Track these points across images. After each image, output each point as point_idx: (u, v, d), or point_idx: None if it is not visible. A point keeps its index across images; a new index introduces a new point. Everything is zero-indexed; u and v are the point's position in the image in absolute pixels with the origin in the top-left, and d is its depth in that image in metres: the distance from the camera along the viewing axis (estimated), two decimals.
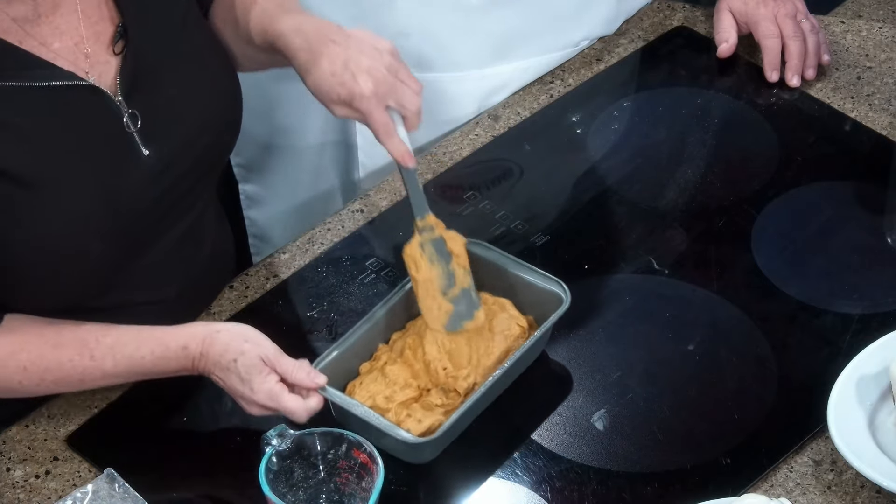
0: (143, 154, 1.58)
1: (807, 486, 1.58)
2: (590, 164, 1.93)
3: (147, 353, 1.57)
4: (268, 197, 2.20)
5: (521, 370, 1.66)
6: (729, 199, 1.88)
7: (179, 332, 1.58)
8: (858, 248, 1.82)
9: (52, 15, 1.56)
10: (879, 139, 1.95)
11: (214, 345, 1.56)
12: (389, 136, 1.60)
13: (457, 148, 1.96)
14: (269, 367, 1.54)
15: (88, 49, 1.57)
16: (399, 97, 1.59)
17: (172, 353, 1.57)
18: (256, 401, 1.55)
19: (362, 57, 1.58)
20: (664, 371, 1.69)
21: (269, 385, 1.54)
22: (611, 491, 1.58)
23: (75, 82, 1.54)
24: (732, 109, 2.01)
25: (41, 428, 1.65)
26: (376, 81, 1.58)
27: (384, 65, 1.59)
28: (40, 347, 1.56)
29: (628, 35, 2.11)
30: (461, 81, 2.01)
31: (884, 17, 2.14)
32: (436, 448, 1.59)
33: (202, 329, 1.58)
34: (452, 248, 1.64)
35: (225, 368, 1.55)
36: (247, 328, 1.58)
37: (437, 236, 1.64)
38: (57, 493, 1.59)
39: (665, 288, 1.77)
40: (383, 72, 1.58)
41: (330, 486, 1.53)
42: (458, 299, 1.64)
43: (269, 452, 1.49)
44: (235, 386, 1.56)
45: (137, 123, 1.57)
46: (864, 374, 1.62)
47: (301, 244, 1.84)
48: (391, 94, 1.59)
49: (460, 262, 1.65)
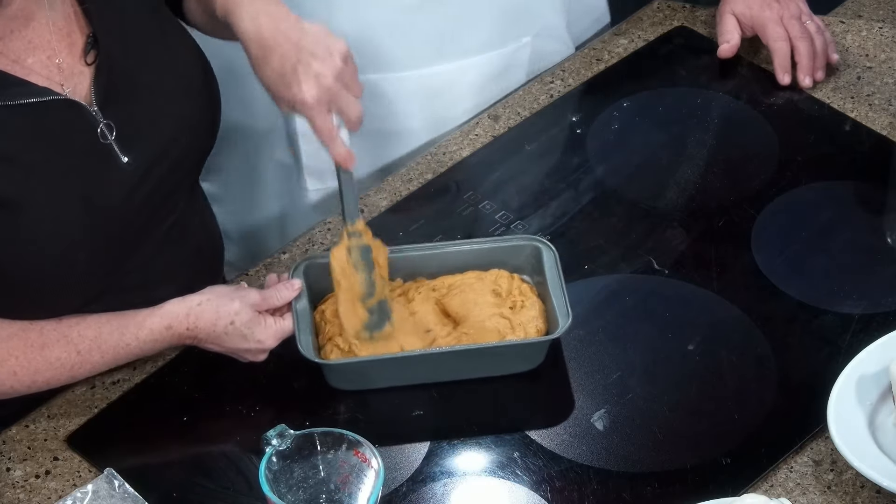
0: (122, 162, 1.58)
1: (807, 486, 1.58)
2: (590, 164, 1.93)
3: (132, 340, 1.60)
4: (224, 194, 2.16)
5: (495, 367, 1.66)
6: (729, 199, 1.88)
7: (160, 313, 1.61)
8: (858, 248, 1.82)
9: (25, 29, 1.55)
10: (879, 139, 1.95)
11: (202, 316, 1.60)
12: (331, 139, 1.61)
13: (457, 148, 1.96)
14: (262, 314, 1.62)
15: (61, 61, 1.57)
16: (341, 105, 1.61)
17: (158, 336, 1.61)
18: (266, 348, 1.63)
19: (312, 61, 1.59)
20: (664, 371, 1.69)
21: (272, 328, 1.63)
22: (611, 491, 1.58)
23: (51, 97, 1.54)
24: (732, 109, 2.01)
25: (41, 428, 1.65)
26: (321, 89, 1.59)
27: (333, 70, 1.59)
28: (27, 351, 1.57)
29: (628, 35, 2.11)
30: (401, 82, 1.99)
31: (884, 17, 2.14)
32: (332, 375, 1.64)
33: (182, 306, 1.61)
34: (377, 257, 1.66)
35: (222, 334, 1.61)
36: (220, 288, 1.64)
37: (365, 244, 1.66)
38: (57, 493, 1.59)
39: (665, 288, 1.77)
40: (330, 79, 1.59)
41: (330, 486, 1.53)
42: (373, 309, 1.66)
43: (269, 452, 1.49)
44: (238, 345, 1.62)
45: (113, 133, 1.57)
46: (864, 374, 1.62)
47: (301, 244, 1.84)
48: (334, 101, 1.60)
49: (382, 272, 1.67)
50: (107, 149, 1.57)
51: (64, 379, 1.61)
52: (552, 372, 1.68)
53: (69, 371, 1.60)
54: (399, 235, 1.82)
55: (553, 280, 1.68)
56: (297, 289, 1.66)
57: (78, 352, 1.59)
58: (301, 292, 1.66)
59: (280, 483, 1.50)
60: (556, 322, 1.65)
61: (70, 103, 1.55)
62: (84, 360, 1.59)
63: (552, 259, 1.70)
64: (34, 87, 1.53)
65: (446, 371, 1.66)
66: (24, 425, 1.65)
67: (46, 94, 1.54)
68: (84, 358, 1.59)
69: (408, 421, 1.64)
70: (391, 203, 1.89)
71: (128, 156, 1.58)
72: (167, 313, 1.61)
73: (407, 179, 1.92)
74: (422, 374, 1.66)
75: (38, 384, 1.59)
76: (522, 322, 1.67)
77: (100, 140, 1.57)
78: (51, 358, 1.58)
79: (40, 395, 1.64)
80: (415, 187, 1.90)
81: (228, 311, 1.61)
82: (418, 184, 1.91)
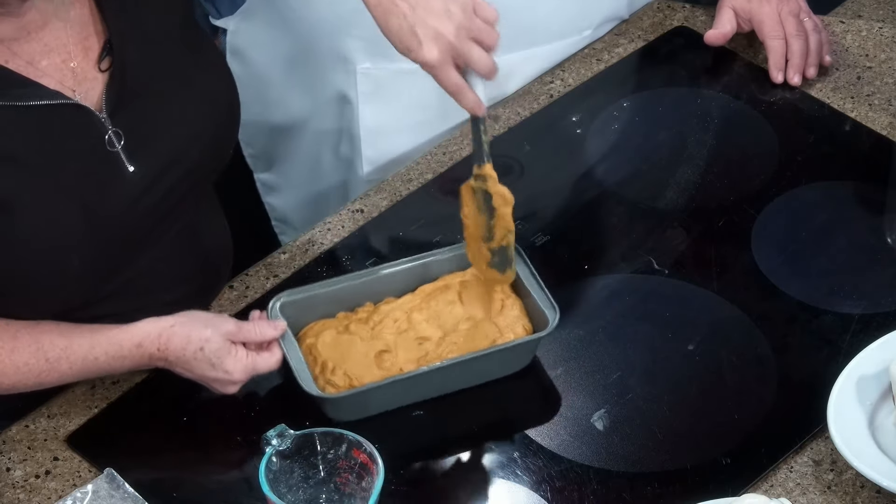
0: (128, 171, 1.57)
1: (807, 486, 1.58)
2: (590, 164, 1.93)
3: (101, 354, 1.59)
4: (283, 183, 2.20)
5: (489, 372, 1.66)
6: (729, 199, 1.88)
7: (133, 331, 1.59)
8: (858, 248, 1.82)
9: (41, 31, 1.54)
10: (879, 139, 1.95)
11: (173, 339, 1.58)
12: (458, 93, 1.60)
13: (457, 148, 1.96)
14: (235, 344, 1.59)
15: (76, 65, 1.56)
16: (468, 59, 1.59)
17: (127, 352, 1.59)
18: (233, 380, 1.60)
19: (429, 18, 1.57)
20: (664, 371, 1.69)
21: (242, 362, 1.59)
22: (611, 491, 1.58)
23: (61, 101, 1.53)
24: (732, 109, 2.01)
25: (41, 428, 1.65)
26: (441, 49, 1.57)
27: (454, 26, 1.57)
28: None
29: (628, 35, 2.11)
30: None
31: (884, 17, 2.14)
32: (338, 408, 1.61)
33: (155, 326, 1.59)
34: (497, 205, 1.64)
35: (191, 359, 1.59)
36: (198, 313, 1.61)
37: (485, 189, 1.64)
38: (57, 493, 1.59)
39: (665, 288, 1.77)
40: (450, 36, 1.57)
41: (330, 486, 1.53)
42: (495, 251, 1.65)
43: (269, 452, 1.49)
44: (206, 373, 1.60)
45: (121, 141, 1.57)
46: (864, 374, 1.62)
47: (301, 244, 1.84)
48: (459, 58, 1.58)
49: (501, 222, 1.65)
50: (113, 157, 1.57)
51: (31, 384, 1.59)
52: (552, 372, 1.68)
53: (36, 377, 1.58)
54: (399, 235, 1.82)
55: (528, 277, 1.68)
56: (282, 329, 1.63)
57: (47, 359, 1.57)
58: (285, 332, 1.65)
59: (280, 483, 1.50)
60: (541, 317, 1.65)
61: (79, 108, 1.54)
62: (52, 369, 1.58)
63: (520, 258, 1.69)
64: (44, 90, 1.52)
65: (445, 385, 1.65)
66: (24, 425, 1.65)
67: (56, 98, 1.53)
68: (52, 366, 1.58)
69: (408, 421, 1.64)
70: (391, 203, 1.89)
71: (134, 165, 1.57)
72: (139, 332, 1.59)
73: (407, 179, 1.92)
74: (422, 391, 1.64)
75: (3, 386, 1.58)
76: (509, 323, 1.67)
77: (107, 147, 1.56)
78: (19, 362, 1.57)
79: (40, 394, 1.64)
80: (415, 187, 1.90)
81: (199, 337, 1.58)
82: (418, 184, 1.91)
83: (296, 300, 1.67)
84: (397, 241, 1.80)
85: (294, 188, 2.19)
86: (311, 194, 2.17)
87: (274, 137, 2.15)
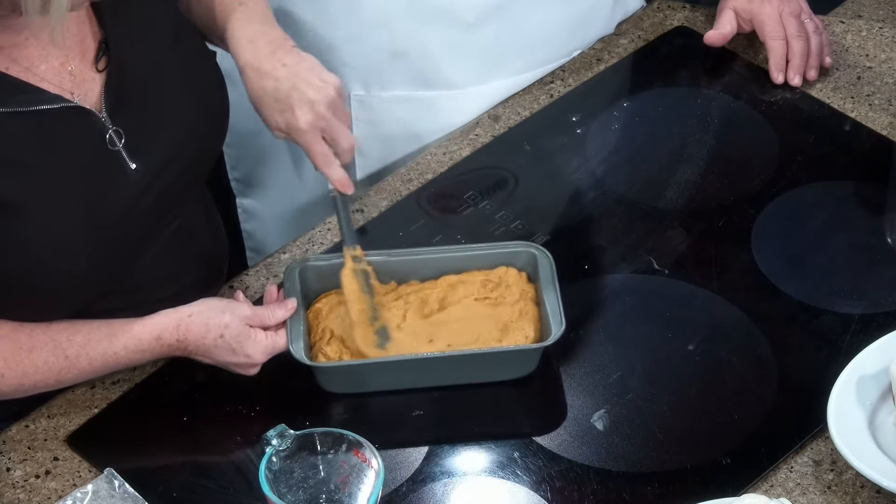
0: (130, 169, 1.58)
1: (807, 486, 1.58)
2: (590, 164, 1.93)
3: (120, 349, 1.60)
4: (264, 210, 2.21)
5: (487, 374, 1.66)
6: (729, 199, 1.88)
7: (151, 323, 1.60)
8: (858, 248, 1.82)
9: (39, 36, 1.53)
10: (879, 139, 1.95)
11: (192, 328, 1.60)
12: (328, 165, 1.65)
13: (457, 148, 1.96)
14: (254, 328, 1.61)
15: (73, 67, 1.56)
16: (334, 133, 1.64)
17: (147, 346, 1.60)
18: (256, 363, 1.63)
19: (308, 88, 1.62)
20: (664, 371, 1.69)
21: (262, 344, 1.62)
22: (611, 491, 1.58)
23: (61, 105, 1.53)
24: (732, 109, 2.01)
25: (41, 428, 1.65)
26: (315, 116, 1.62)
27: (326, 99, 1.63)
28: (15, 354, 1.57)
29: (628, 35, 2.11)
30: (458, 99, 2.00)
31: (884, 17, 2.14)
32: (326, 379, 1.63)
33: (172, 317, 1.61)
34: (373, 283, 1.68)
35: (211, 347, 1.61)
36: (213, 300, 1.63)
37: (365, 268, 1.68)
38: (57, 493, 1.59)
39: (665, 288, 1.77)
40: (323, 107, 1.62)
41: (330, 486, 1.53)
42: (378, 332, 1.66)
43: (269, 452, 1.49)
44: (227, 358, 1.62)
45: (122, 140, 1.57)
46: (864, 374, 1.62)
47: (301, 244, 1.84)
48: (327, 130, 1.63)
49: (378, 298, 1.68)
50: (115, 156, 1.57)
51: (51, 383, 1.60)
52: (552, 372, 1.68)
53: (56, 375, 1.59)
54: (399, 235, 1.82)
55: (548, 287, 1.68)
56: (292, 309, 1.65)
57: (66, 356, 1.58)
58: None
59: (280, 483, 1.50)
60: (549, 328, 1.65)
61: (80, 110, 1.55)
62: (71, 366, 1.59)
63: (547, 266, 1.69)
64: (45, 95, 1.53)
65: (437, 376, 1.65)
66: (24, 425, 1.65)
67: (57, 102, 1.53)
68: (72, 363, 1.59)
69: (408, 421, 1.64)
70: (391, 203, 1.89)
71: (136, 162, 1.58)
72: (157, 324, 1.60)
73: (407, 179, 1.92)
74: (413, 378, 1.65)
75: (24, 387, 1.59)
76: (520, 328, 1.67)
77: (108, 147, 1.57)
78: (38, 361, 1.57)
79: (40, 395, 1.64)
80: (415, 187, 1.90)
81: (218, 324, 1.60)
82: (418, 184, 1.91)
83: (313, 266, 1.70)
84: (397, 241, 1.80)
85: (276, 212, 2.19)
86: (292, 216, 2.17)
87: (262, 160, 2.15)
